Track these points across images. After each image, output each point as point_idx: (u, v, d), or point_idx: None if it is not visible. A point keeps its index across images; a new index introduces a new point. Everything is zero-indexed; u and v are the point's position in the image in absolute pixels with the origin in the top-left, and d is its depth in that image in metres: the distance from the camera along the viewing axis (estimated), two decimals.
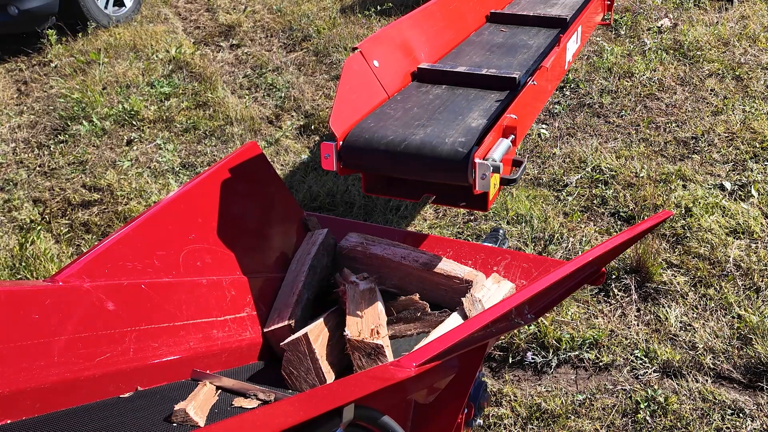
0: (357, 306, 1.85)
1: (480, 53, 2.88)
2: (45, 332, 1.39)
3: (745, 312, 2.80)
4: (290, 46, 5.42)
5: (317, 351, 1.71)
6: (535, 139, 4.05)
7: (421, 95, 2.40)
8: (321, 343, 1.76)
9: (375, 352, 1.72)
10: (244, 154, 1.99)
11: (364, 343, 1.73)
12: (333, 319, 1.87)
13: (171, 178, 3.88)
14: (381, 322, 1.82)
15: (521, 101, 2.27)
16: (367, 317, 1.83)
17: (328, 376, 1.73)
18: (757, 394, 2.52)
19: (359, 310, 1.84)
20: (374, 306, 1.86)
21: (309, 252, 2.05)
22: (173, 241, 1.74)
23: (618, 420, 2.45)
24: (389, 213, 3.54)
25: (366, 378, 1.14)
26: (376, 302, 1.88)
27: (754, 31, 4.98)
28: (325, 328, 1.82)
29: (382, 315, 1.85)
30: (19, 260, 3.22)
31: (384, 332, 1.77)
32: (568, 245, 3.22)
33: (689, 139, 3.95)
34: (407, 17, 2.59)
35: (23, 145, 4.30)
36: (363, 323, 1.80)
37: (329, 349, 1.77)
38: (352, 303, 1.86)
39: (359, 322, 1.81)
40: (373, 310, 1.84)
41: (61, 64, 5.16)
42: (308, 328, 1.75)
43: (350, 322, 1.79)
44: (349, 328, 1.77)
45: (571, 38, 3.04)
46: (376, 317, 1.82)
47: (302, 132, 4.34)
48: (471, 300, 1.89)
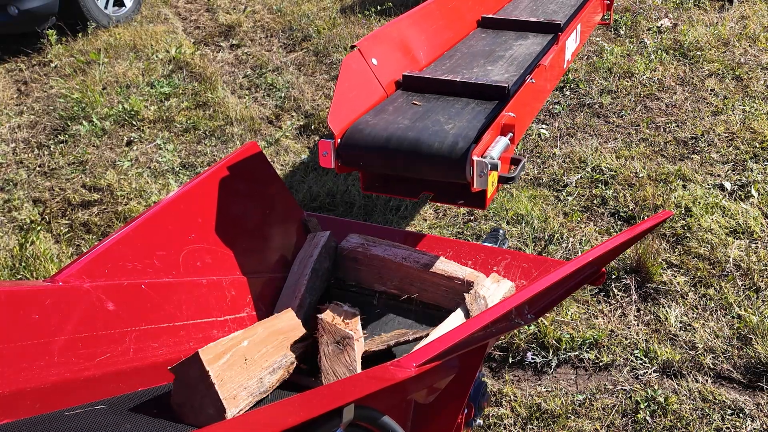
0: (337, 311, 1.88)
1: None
2: (45, 332, 1.39)
3: (745, 312, 2.80)
4: (290, 46, 5.42)
5: (214, 375, 1.41)
6: (535, 139, 4.05)
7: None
8: (226, 365, 1.46)
9: (344, 342, 1.69)
10: (244, 154, 1.99)
11: (336, 327, 1.70)
12: (252, 334, 1.62)
13: (171, 178, 3.88)
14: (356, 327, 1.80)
15: (520, 100, 2.27)
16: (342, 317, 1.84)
17: (231, 406, 1.42)
18: (757, 394, 2.52)
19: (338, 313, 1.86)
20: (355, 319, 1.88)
21: (311, 255, 2.05)
22: (173, 241, 1.74)
23: (618, 420, 2.45)
24: (389, 213, 3.54)
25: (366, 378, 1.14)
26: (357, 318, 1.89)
27: (754, 31, 4.98)
28: (239, 345, 1.54)
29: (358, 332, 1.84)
30: (19, 260, 3.22)
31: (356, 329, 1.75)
32: (568, 245, 3.22)
33: (689, 139, 3.95)
34: (406, 16, 2.59)
35: (23, 145, 4.30)
36: (338, 317, 1.81)
37: (240, 372, 1.49)
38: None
39: (336, 314, 1.80)
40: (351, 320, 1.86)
41: (61, 64, 5.16)
42: (207, 346, 1.46)
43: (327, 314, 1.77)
44: (325, 313, 1.74)
45: (570, 37, 3.04)
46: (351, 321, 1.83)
47: (302, 132, 4.34)
48: (474, 296, 1.89)
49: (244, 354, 1.53)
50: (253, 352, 1.57)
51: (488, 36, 3.04)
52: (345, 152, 2.02)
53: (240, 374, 1.48)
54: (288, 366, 1.66)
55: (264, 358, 1.59)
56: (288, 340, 1.70)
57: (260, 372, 1.55)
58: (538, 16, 3.30)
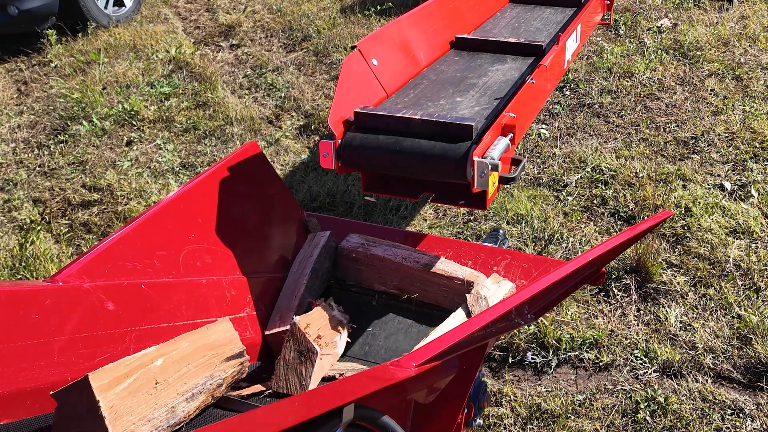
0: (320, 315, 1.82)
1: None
2: (45, 332, 1.39)
3: (745, 312, 2.80)
4: (290, 46, 5.42)
5: (106, 406, 1.15)
6: (535, 139, 4.05)
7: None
8: (127, 391, 1.21)
9: (307, 354, 1.62)
10: (244, 154, 1.99)
11: (305, 337, 1.62)
12: (171, 349, 1.38)
13: (171, 178, 3.88)
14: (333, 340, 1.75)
15: (520, 100, 2.27)
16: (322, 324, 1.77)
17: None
18: (757, 394, 2.52)
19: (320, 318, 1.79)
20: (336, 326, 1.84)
21: (311, 255, 2.05)
22: (173, 241, 1.74)
23: (618, 420, 2.45)
24: (389, 213, 3.54)
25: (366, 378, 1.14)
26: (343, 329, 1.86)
27: (754, 31, 4.98)
28: (150, 364, 1.29)
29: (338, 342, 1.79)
30: (19, 260, 3.22)
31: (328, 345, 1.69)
32: (568, 245, 3.22)
33: (689, 139, 3.95)
34: (406, 16, 2.59)
35: (23, 145, 4.30)
36: (316, 324, 1.72)
37: (146, 399, 1.24)
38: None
39: (314, 321, 1.73)
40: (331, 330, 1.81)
41: (61, 64, 5.16)
42: (104, 368, 1.21)
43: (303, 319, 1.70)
44: (302, 318, 1.68)
45: (570, 37, 3.04)
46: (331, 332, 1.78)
47: (302, 132, 4.34)
48: (476, 297, 1.89)
49: (156, 376, 1.27)
50: (169, 372, 1.31)
51: (462, 60, 2.73)
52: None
53: (145, 403, 1.22)
54: (214, 390, 1.42)
55: (182, 381, 1.33)
56: (219, 356, 1.47)
57: (174, 399, 1.29)
58: (520, 35, 3.04)
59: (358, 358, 2.01)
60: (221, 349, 1.49)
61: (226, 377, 1.47)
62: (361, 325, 2.07)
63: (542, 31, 3.16)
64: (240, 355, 1.53)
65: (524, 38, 2.95)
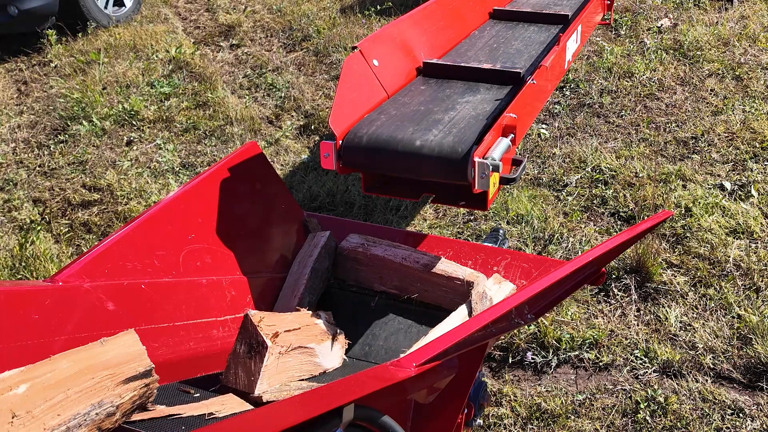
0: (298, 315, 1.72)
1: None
2: (45, 332, 1.39)
3: (745, 312, 2.80)
4: (290, 46, 5.42)
5: None
6: (535, 139, 4.05)
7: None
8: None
9: (257, 348, 1.52)
10: (244, 154, 1.99)
11: (257, 331, 1.52)
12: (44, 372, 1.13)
13: (171, 178, 3.88)
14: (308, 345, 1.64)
15: (521, 100, 2.27)
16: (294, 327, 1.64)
17: None
18: (757, 394, 2.52)
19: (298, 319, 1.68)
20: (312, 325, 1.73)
21: (311, 254, 2.05)
22: (173, 241, 1.74)
23: (618, 420, 2.45)
24: (389, 213, 3.54)
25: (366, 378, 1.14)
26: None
27: (754, 31, 4.98)
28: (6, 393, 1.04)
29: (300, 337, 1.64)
30: (19, 260, 3.22)
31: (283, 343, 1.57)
32: (568, 245, 3.22)
33: (689, 139, 3.95)
34: (407, 16, 2.59)
35: (23, 145, 4.30)
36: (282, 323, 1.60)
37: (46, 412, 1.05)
38: None
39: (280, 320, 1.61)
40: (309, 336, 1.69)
41: (61, 64, 5.16)
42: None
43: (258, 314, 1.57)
44: (257, 312, 1.57)
45: (571, 37, 3.03)
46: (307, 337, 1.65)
47: (302, 132, 4.34)
48: (481, 296, 1.89)
49: (15, 407, 1.01)
50: (36, 401, 1.05)
51: (429, 88, 2.40)
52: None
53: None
54: (102, 420, 1.16)
55: (54, 412, 1.07)
56: (115, 377, 1.22)
57: None
58: (497, 59, 2.73)
59: (358, 358, 2.01)
60: (119, 368, 1.23)
61: (121, 403, 1.21)
62: (361, 325, 2.07)
63: (522, 54, 2.82)
64: (146, 374, 1.28)
65: (501, 63, 2.66)
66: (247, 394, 1.51)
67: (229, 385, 1.55)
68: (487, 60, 2.71)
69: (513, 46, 2.89)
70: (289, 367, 1.59)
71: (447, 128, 2.08)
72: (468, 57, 2.76)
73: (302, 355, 1.64)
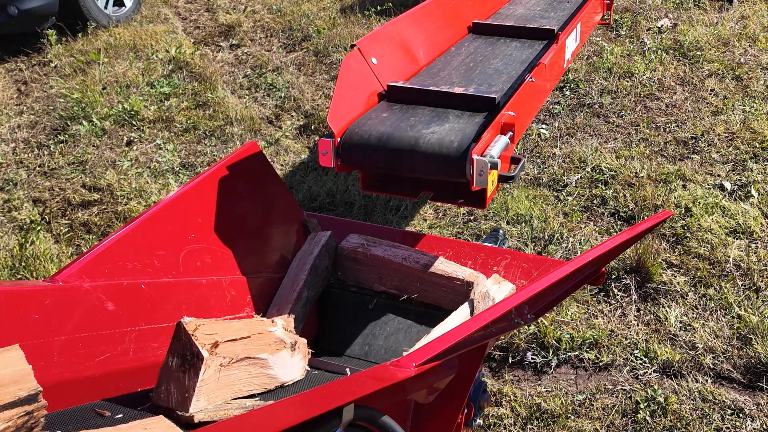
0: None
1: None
2: (45, 332, 1.39)
3: (745, 312, 2.80)
4: (290, 46, 5.42)
5: None
6: (535, 139, 4.05)
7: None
8: None
9: (191, 361, 1.34)
10: (244, 154, 1.99)
11: (191, 340, 1.33)
12: None
13: (171, 178, 3.89)
14: (259, 356, 1.46)
15: (519, 98, 2.27)
16: (235, 328, 1.46)
17: None
18: (757, 394, 2.52)
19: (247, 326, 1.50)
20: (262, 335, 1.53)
21: (311, 252, 2.05)
22: (173, 241, 1.74)
23: (618, 420, 2.45)
24: (389, 213, 3.54)
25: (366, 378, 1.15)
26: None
27: (754, 31, 4.98)
28: None
29: (247, 347, 1.45)
30: (19, 260, 3.22)
31: (227, 354, 1.38)
32: (568, 245, 3.22)
33: (689, 139, 3.95)
34: (406, 15, 2.59)
35: (23, 145, 4.30)
36: (225, 331, 1.42)
37: None
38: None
39: (223, 328, 1.43)
40: (263, 346, 1.49)
41: (61, 64, 5.16)
42: None
43: (195, 321, 1.38)
44: (194, 319, 1.38)
45: (570, 37, 3.03)
46: (259, 347, 1.47)
47: (302, 132, 4.34)
48: (483, 296, 1.89)
49: None
50: None
51: (393, 115, 2.16)
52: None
53: None
54: None
55: None
56: None
57: None
58: (471, 82, 2.43)
59: (359, 358, 2.01)
60: None
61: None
62: (361, 324, 2.07)
63: (501, 75, 2.54)
64: (29, 400, 1.05)
65: (476, 86, 2.39)
66: (179, 414, 1.34)
67: (160, 404, 1.38)
68: (460, 82, 2.41)
69: (491, 66, 2.63)
70: (234, 381, 1.41)
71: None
72: (440, 78, 2.46)
73: (251, 367, 1.46)
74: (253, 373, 1.46)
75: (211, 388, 1.35)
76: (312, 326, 2.07)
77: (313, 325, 2.08)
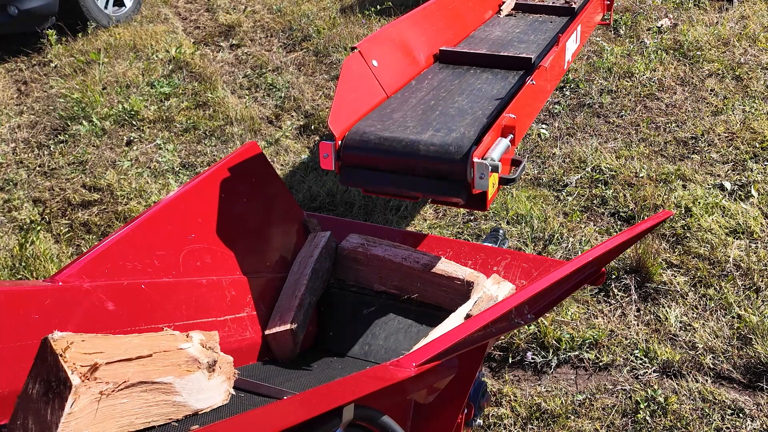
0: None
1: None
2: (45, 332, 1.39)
3: (745, 312, 2.80)
4: (290, 46, 5.42)
5: None
6: (535, 139, 4.05)
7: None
8: None
9: (57, 389, 1.08)
10: (244, 154, 1.99)
11: (58, 362, 1.09)
12: None
13: (171, 178, 3.89)
14: (161, 379, 1.22)
15: (520, 101, 2.27)
16: (130, 345, 1.21)
17: None
18: (757, 394, 2.52)
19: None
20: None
21: (311, 255, 2.05)
22: (173, 241, 1.74)
23: (618, 420, 2.45)
24: (389, 213, 3.54)
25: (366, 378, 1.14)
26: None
27: (754, 31, 4.98)
28: None
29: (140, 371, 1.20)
30: (19, 260, 3.22)
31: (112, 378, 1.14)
32: (568, 245, 3.22)
33: (689, 139, 3.95)
34: (406, 17, 2.59)
35: (23, 145, 4.30)
36: (110, 345, 1.18)
37: None
38: None
39: (110, 345, 1.19)
40: (173, 366, 1.26)
41: (61, 64, 5.16)
42: None
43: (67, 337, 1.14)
44: (66, 335, 1.14)
45: (570, 38, 3.03)
46: (164, 369, 1.22)
47: (302, 132, 4.34)
48: (488, 298, 1.89)
49: None
50: None
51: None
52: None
53: None
54: None
55: None
56: None
57: None
58: (428, 126, 2.08)
59: (359, 358, 2.01)
60: None
61: None
62: (361, 325, 2.07)
63: (465, 116, 2.17)
64: None
65: (433, 130, 2.05)
66: None
67: None
68: (416, 126, 2.08)
69: (455, 104, 2.26)
70: (121, 413, 1.16)
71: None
72: (392, 122, 2.11)
73: (149, 394, 1.21)
74: (151, 401, 1.22)
75: (85, 423, 1.10)
76: (312, 326, 2.07)
77: (313, 325, 2.08)
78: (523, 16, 3.38)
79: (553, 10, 3.44)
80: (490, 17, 3.34)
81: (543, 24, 3.29)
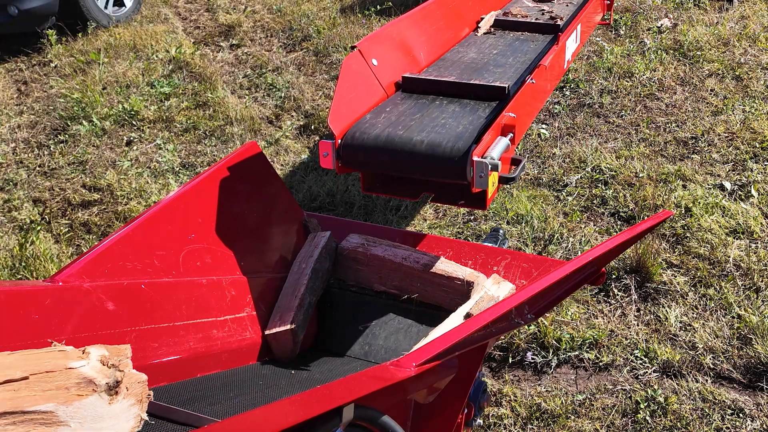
0: None
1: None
2: (45, 332, 1.39)
3: (745, 312, 2.80)
4: (290, 46, 5.42)
5: None
6: (535, 139, 4.05)
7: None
8: None
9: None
10: (244, 154, 1.99)
11: None
12: None
13: (171, 178, 3.88)
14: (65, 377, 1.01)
15: (520, 100, 2.27)
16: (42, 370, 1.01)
17: None
18: (757, 394, 2.52)
19: None
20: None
21: (311, 255, 2.05)
22: (173, 241, 1.74)
23: (618, 420, 2.45)
24: (389, 213, 3.54)
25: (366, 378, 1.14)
26: None
27: (754, 31, 4.98)
28: None
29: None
30: (19, 260, 3.22)
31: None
32: (568, 245, 3.22)
33: (689, 139, 3.95)
34: (406, 16, 2.59)
35: (23, 145, 4.30)
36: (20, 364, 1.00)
37: None
38: None
39: (19, 360, 1.02)
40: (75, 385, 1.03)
41: (61, 64, 5.16)
42: None
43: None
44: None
45: (570, 37, 3.03)
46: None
47: (302, 132, 4.34)
48: (490, 299, 1.89)
49: None
50: None
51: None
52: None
53: None
54: None
55: None
56: None
57: None
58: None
59: (359, 358, 2.01)
60: None
61: None
62: (361, 324, 2.07)
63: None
64: None
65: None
66: None
67: None
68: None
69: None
70: None
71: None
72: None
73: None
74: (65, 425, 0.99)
75: None
76: (312, 326, 2.07)
77: (313, 325, 2.08)
78: (503, 34, 2.99)
79: (537, 28, 3.02)
80: (467, 35, 2.96)
81: (524, 44, 2.88)
